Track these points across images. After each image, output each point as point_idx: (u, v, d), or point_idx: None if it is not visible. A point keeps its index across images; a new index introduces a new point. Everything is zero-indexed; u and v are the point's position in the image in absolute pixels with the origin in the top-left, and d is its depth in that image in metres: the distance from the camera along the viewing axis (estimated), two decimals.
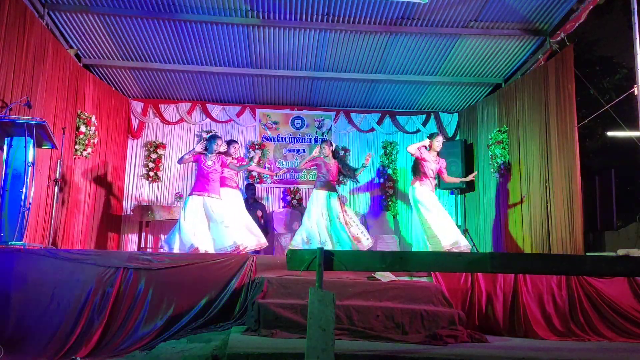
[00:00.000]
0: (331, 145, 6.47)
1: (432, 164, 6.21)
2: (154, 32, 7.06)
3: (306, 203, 7.52)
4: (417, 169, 6.23)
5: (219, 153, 6.16)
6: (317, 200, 6.21)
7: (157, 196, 8.78)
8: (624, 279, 4.83)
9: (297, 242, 6.10)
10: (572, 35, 6.50)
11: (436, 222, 5.96)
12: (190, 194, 5.97)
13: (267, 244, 6.50)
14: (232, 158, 6.37)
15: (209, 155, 6.04)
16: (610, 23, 9.55)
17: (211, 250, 5.71)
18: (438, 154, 6.34)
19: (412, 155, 6.23)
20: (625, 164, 9.53)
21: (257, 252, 6.34)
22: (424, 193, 6.10)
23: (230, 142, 6.50)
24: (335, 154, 6.44)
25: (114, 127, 8.31)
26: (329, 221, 6.14)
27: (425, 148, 6.22)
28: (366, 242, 6.10)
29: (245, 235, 6.02)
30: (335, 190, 6.36)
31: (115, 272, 4.32)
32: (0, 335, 3.97)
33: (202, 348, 3.59)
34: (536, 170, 6.85)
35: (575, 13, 6.35)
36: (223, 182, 6.27)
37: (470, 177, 6.74)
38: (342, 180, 7.22)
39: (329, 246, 5.88)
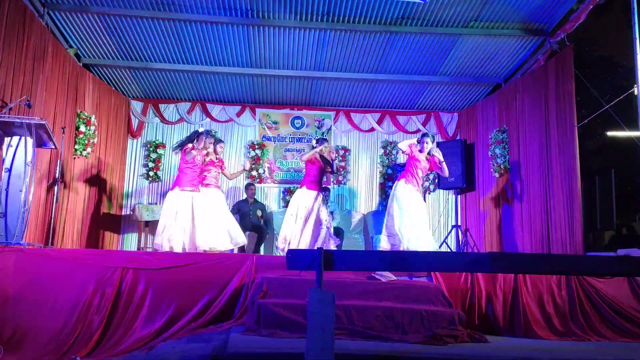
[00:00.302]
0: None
1: (423, 162, 6.10)
2: (154, 32, 7.05)
3: None
4: (406, 167, 6.18)
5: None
6: (302, 199, 6.24)
7: (157, 196, 8.78)
8: (624, 279, 4.84)
9: (281, 244, 6.24)
10: (572, 35, 6.49)
11: (406, 223, 5.69)
12: (179, 189, 5.89)
13: (246, 242, 6.46)
14: (217, 157, 6.38)
15: (198, 151, 6.05)
16: (610, 23, 9.53)
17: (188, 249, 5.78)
18: (435, 155, 6.25)
19: (403, 152, 6.17)
20: (625, 164, 9.51)
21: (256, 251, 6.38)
22: (406, 191, 5.85)
23: (216, 142, 6.49)
24: (322, 156, 6.52)
25: (113, 126, 8.31)
26: (314, 221, 6.19)
27: (416, 146, 6.14)
28: (335, 242, 6.45)
29: (221, 236, 5.98)
30: (322, 190, 6.47)
31: (115, 272, 4.32)
32: (0, 335, 3.97)
33: (202, 348, 3.59)
34: (536, 170, 6.85)
35: (575, 13, 6.35)
36: (208, 181, 6.24)
37: (438, 153, 6.04)
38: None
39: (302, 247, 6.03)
